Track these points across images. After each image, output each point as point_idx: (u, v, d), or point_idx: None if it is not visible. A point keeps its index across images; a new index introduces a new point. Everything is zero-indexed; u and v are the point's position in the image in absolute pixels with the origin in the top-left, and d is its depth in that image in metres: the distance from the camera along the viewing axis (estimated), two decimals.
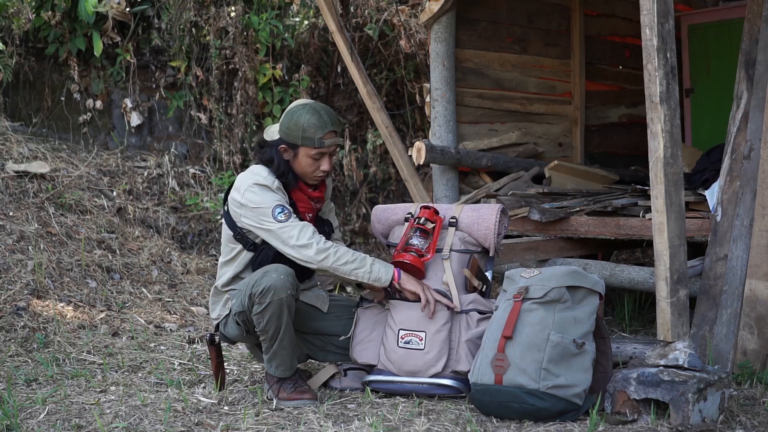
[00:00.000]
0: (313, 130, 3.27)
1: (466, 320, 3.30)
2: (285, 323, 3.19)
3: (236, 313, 3.27)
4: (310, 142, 3.28)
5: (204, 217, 6.06)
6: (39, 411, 3.20)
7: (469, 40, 5.22)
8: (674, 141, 3.04)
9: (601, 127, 6.06)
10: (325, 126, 3.29)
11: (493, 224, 3.45)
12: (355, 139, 6.78)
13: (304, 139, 3.28)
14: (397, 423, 3.00)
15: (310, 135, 3.27)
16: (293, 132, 3.29)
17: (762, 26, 3.67)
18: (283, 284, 3.14)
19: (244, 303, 3.20)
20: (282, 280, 3.14)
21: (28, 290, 4.59)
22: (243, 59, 6.35)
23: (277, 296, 3.14)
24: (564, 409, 2.94)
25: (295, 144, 3.30)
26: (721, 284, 3.57)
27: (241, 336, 3.39)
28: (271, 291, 3.13)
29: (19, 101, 6.19)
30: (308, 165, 3.32)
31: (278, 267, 3.18)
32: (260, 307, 3.15)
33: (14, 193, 5.33)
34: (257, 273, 3.20)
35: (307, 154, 3.30)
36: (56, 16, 6.13)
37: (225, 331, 3.41)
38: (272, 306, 3.14)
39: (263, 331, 3.20)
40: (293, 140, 3.29)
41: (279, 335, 3.21)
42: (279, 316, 3.17)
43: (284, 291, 3.15)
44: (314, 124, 3.27)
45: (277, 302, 3.14)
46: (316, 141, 3.28)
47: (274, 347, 3.24)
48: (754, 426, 2.94)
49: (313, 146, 3.28)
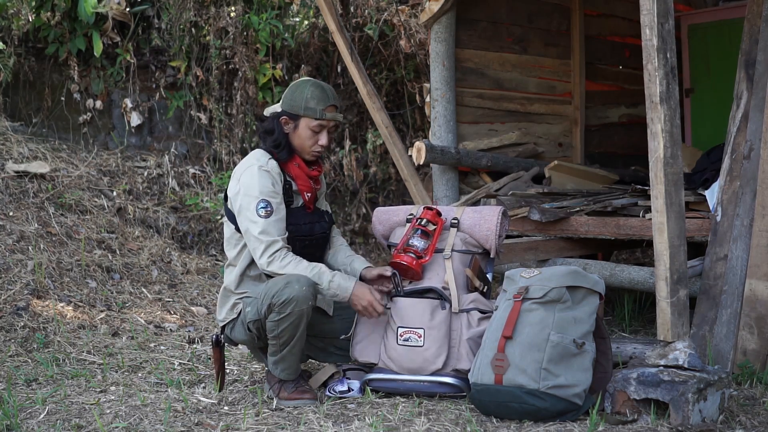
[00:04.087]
0: (315, 101, 3.32)
1: (467, 319, 3.30)
2: (300, 332, 3.20)
3: (251, 321, 3.24)
4: (312, 112, 3.31)
5: (204, 217, 6.06)
6: (39, 411, 3.20)
7: (469, 40, 5.22)
8: (674, 141, 3.04)
9: (601, 127, 6.06)
10: (327, 99, 3.34)
11: (494, 226, 3.47)
12: (355, 139, 6.78)
13: (306, 110, 3.32)
14: (397, 423, 3.00)
15: (313, 106, 3.31)
16: (297, 102, 3.33)
17: (762, 26, 3.67)
18: (305, 296, 3.13)
19: (261, 311, 3.17)
20: (304, 291, 3.13)
21: (28, 290, 4.59)
22: (243, 59, 6.35)
23: (299, 308, 3.13)
24: (564, 409, 2.94)
25: (297, 114, 3.33)
26: (721, 284, 3.57)
27: (247, 341, 3.38)
28: (294, 302, 3.12)
29: (19, 101, 6.19)
30: (308, 137, 3.34)
31: (300, 278, 3.15)
32: (279, 316, 3.13)
33: (14, 193, 5.33)
34: (278, 282, 3.15)
35: (308, 126, 3.33)
36: (56, 16, 6.13)
37: (231, 334, 3.39)
38: (292, 316, 3.14)
39: (276, 337, 3.19)
40: (296, 110, 3.33)
41: (291, 343, 3.21)
42: (296, 326, 3.17)
43: (306, 303, 3.15)
44: (317, 96, 3.33)
45: (298, 313, 3.14)
46: (318, 112, 3.32)
47: (283, 353, 3.23)
48: (754, 426, 2.94)
49: (314, 117, 3.32)
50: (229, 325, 3.39)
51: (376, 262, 6.38)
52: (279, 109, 3.39)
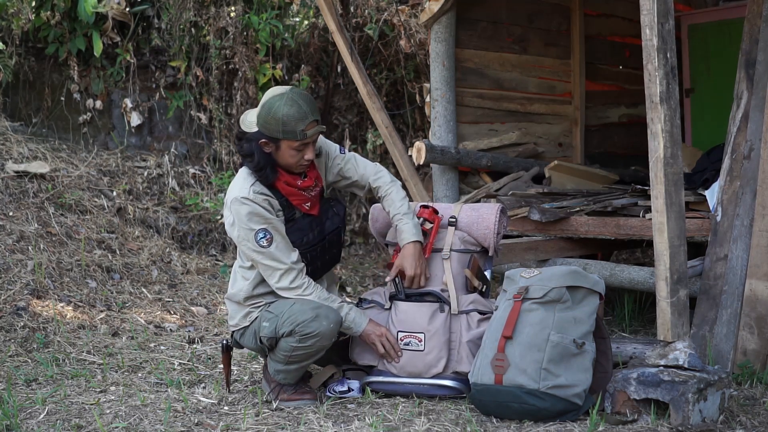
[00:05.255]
0: (293, 122, 3.09)
1: (467, 321, 3.30)
2: (312, 359, 3.23)
3: (266, 336, 3.19)
4: (292, 135, 3.11)
5: (204, 217, 6.06)
6: (39, 411, 3.20)
7: (469, 40, 5.22)
8: (674, 141, 3.04)
9: (601, 127, 6.06)
10: (306, 117, 3.10)
11: (492, 224, 3.46)
12: (355, 139, 6.78)
13: (285, 133, 3.11)
14: (397, 423, 3.00)
15: (291, 128, 3.09)
16: (272, 126, 3.11)
17: (762, 26, 3.67)
18: (330, 333, 3.14)
19: (280, 332, 3.15)
20: (331, 329, 3.13)
21: (28, 290, 4.59)
22: (243, 59, 6.35)
23: (321, 343, 3.15)
24: (564, 409, 2.94)
25: (276, 138, 3.13)
26: (721, 284, 3.57)
27: (255, 349, 3.35)
28: (318, 337, 3.12)
29: (19, 101, 6.19)
30: (291, 156, 3.16)
31: (329, 314, 3.14)
32: (299, 343, 3.13)
33: (14, 193, 5.33)
34: (307, 311, 3.12)
35: (290, 147, 3.14)
36: (56, 16, 6.13)
37: (240, 339, 3.35)
38: (311, 348, 3.15)
39: (288, 356, 3.18)
40: (273, 134, 3.12)
41: (301, 364, 3.22)
42: (312, 355, 3.20)
43: (329, 340, 3.16)
44: (294, 116, 3.09)
45: (318, 347, 3.16)
46: (298, 134, 3.10)
47: (289, 367, 3.22)
48: (754, 426, 2.94)
49: (295, 139, 3.12)
50: (240, 332, 3.34)
51: (376, 262, 6.39)
52: (254, 127, 3.18)
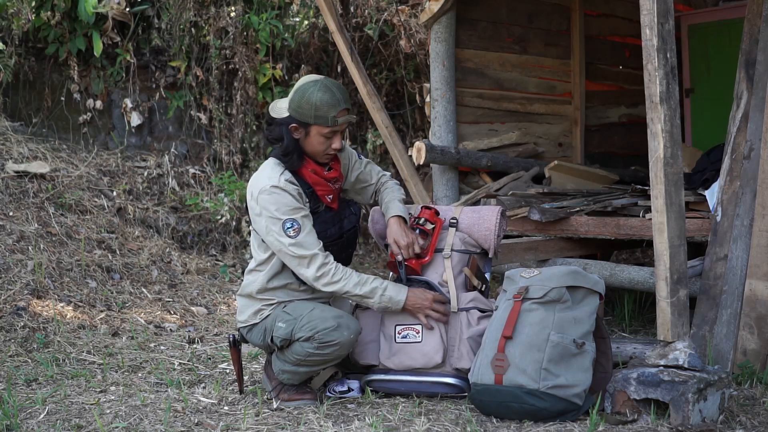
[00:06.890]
0: (326, 108, 3.13)
1: (467, 318, 3.30)
2: (325, 366, 3.23)
3: (281, 338, 3.17)
4: (323, 120, 3.14)
5: (204, 217, 6.06)
6: (39, 411, 3.20)
7: (469, 40, 5.22)
8: (674, 141, 3.04)
9: (601, 127, 6.06)
10: (338, 104, 3.14)
11: (493, 225, 3.47)
12: (355, 139, 6.78)
13: (317, 118, 3.13)
14: (397, 423, 3.00)
15: (323, 113, 3.13)
16: (305, 110, 3.14)
17: (762, 26, 3.67)
18: (350, 344, 3.15)
19: (296, 336, 3.13)
20: (351, 339, 3.14)
21: (28, 290, 4.59)
22: (243, 59, 6.35)
23: (338, 353, 3.15)
24: (564, 409, 2.94)
25: (307, 123, 3.16)
26: (721, 284, 3.57)
27: (263, 347, 3.34)
28: (337, 347, 3.11)
29: (19, 101, 6.19)
30: (320, 144, 3.18)
31: (350, 324, 3.14)
32: (316, 350, 3.11)
33: (14, 193, 5.33)
34: (328, 319, 3.11)
35: (320, 133, 3.16)
36: (56, 16, 6.13)
37: (247, 336, 3.33)
38: (328, 356, 3.14)
39: (300, 359, 3.16)
40: (305, 119, 3.15)
41: (313, 368, 3.22)
42: (325, 362, 3.20)
43: (346, 350, 3.17)
44: (327, 102, 3.13)
45: (335, 355, 3.15)
46: (329, 119, 3.14)
47: (300, 370, 3.21)
48: (754, 426, 2.94)
49: (326, 125, 3.14)
50: (246, 328, 3.32)
51: (376, 262, 6.39)
52: (286, 112, 3.21)
